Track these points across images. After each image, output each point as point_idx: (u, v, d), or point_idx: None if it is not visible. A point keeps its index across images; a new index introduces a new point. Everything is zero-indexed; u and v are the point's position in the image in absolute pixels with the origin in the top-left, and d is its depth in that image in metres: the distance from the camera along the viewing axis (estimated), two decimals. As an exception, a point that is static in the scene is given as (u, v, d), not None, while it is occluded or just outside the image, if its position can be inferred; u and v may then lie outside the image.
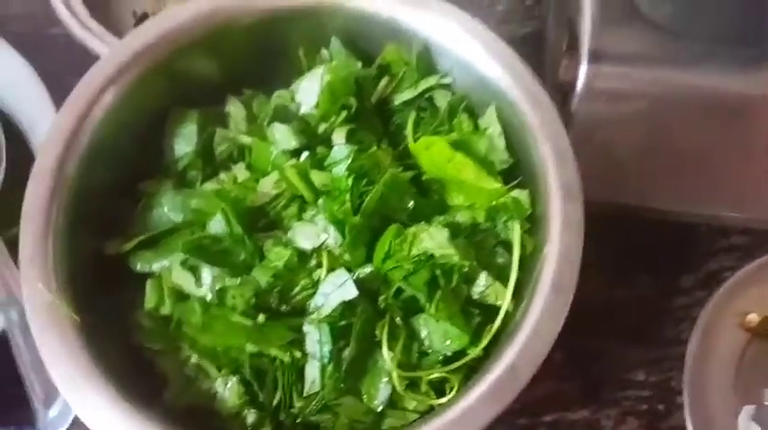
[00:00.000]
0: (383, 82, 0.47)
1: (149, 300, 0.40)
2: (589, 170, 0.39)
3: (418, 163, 0.43)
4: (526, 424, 0.49)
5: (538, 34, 0.63)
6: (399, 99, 0.46)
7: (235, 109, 0.48)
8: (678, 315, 0.51)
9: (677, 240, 0.53)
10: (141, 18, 0.66)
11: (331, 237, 0.38)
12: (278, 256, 0.38)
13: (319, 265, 0.38)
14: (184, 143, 0.46)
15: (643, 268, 0.52)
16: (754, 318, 0.47)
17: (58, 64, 0.57)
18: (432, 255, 0.37)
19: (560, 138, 0.39)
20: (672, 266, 0.52)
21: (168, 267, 0.41)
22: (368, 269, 0.38)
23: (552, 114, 0.40)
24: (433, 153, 0.42)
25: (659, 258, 0.53)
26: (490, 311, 0.38)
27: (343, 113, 0.44)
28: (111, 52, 0.44)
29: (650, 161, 0.45)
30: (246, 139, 0.46)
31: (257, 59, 0.48)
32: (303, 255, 0.38)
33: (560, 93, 0.44)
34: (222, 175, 0.45)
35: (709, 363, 0.46)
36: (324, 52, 0.47)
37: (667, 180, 0.47)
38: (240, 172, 0.45)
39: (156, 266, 0.41)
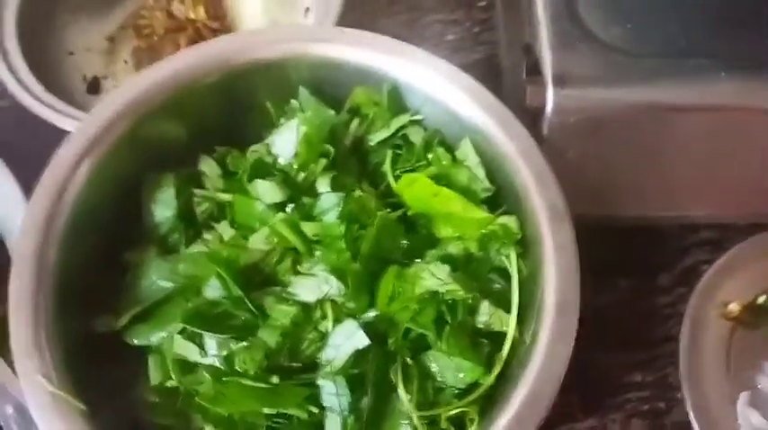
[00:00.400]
0: (354, 124, 0.48)
1: (154, 377, 0.39)
2: (564, 188, 0.41)
3: (402, 200, 0.44)
4: (537, 440, 0.49)
5: (488, 59, 0.65)
6: (374, 139, 0.47)
7: (209, 168, 0.47)
8: (664, 313, 0.53)
9: (651, 241, 0.55)
10: (92, 82, 0.65)
11: (333, 287, 0.38)
12: (283, 314, 0.38)
13: (324, 317, 0.38)
14: (163, 208, 0.45)
15: (623, 273, 0.54)
16: (734, 307, 0.49)
17: (13, 137, 0.55)
18: (435, 292, 0.38)
19: (538, 161, 0.40)
20: (650, 267, 0.55)
21: (168, 338, 0.40)
22: (372, 314, 0.39)
23: (527, 140, 0.41)
24: (416, 189, 0.43)
25: (637, 261, 0.55)
26: (497, 339, 0.39)
27: (323, 161, 0.44)
28: (79, 128, 0.43)
29: (621, 173, 0.47)
30: (226, 197, 0.45)
31: (225, 116, 0.48)
32: (307, 309, 0.38)
33: (525, 116, 0.46)
34: (206, 236, 0.45)
35: (701, 356, 0.48)
36: (293, 102, 0.47)
37: (639, 188, 0.49)
38: (225, 230, 0.45)
39: (154, 339, 0.40)
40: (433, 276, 0.38)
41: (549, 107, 0.42)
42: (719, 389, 0.47)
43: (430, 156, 0.46)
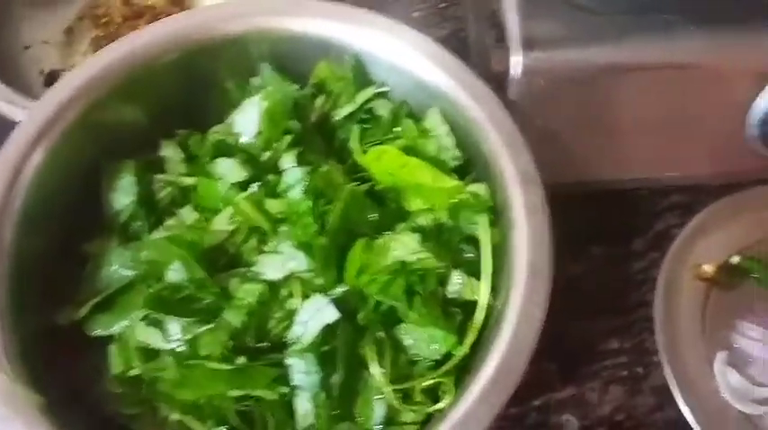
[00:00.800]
0: (320, 100, 0.46)
1: (116, 365, 0.38)
2: (533, 154, 0.40)
3: (370, 174, 0.43)
4: (517, 412, 0.49)
5: (455, 34, 0.64)
6: (340, 114, 0.46)
7: (170, 152, 0.46)
8: (638, 278, 0.53)
9: (621, 208, 0.55)
10: (50, 76, 0.63)
11: (300, 263, 0.37)
12: (248, 293, 0.36)
13: (291, 295, 0.37)
14: (123, 195, 0.44)
15: (595, 240, 0.54)
16: (708, 268, 0.49)
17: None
18: (405, 263, 0.37)
19: (508, 126, 0.40)
20: (622, 234, 0.54)
21: (130, 327, 0.38)
22: (341, 289, 0.37)
23: (495, 104, 0.40)
24: (384, 162, 0.42)
25: (608, 228, 0.54)
26: (468, 308, 0.38)
27: (287, 138, 0.43)
28: (32, 113, 0.41)
29: (591, 136, 0.47)
30: (189, 181, 0.44)
31: (185, 95, 0.47)
32: (274, 287, 0.37)
33: (493, 85, 0.45)
34: (169, 221, 0.43)
35: (676, 319, 0.48)
36: (255, 80, 0.46)
37: (609, 152, 0.48)
38: (188, 214, 0.43)
39: (116, 328, 0.39)
40: (403, 246, 0.37)
41: (519, 71, 0.41)
42: (696, 351, 0.47)
43: (398, 129, 0.45)
